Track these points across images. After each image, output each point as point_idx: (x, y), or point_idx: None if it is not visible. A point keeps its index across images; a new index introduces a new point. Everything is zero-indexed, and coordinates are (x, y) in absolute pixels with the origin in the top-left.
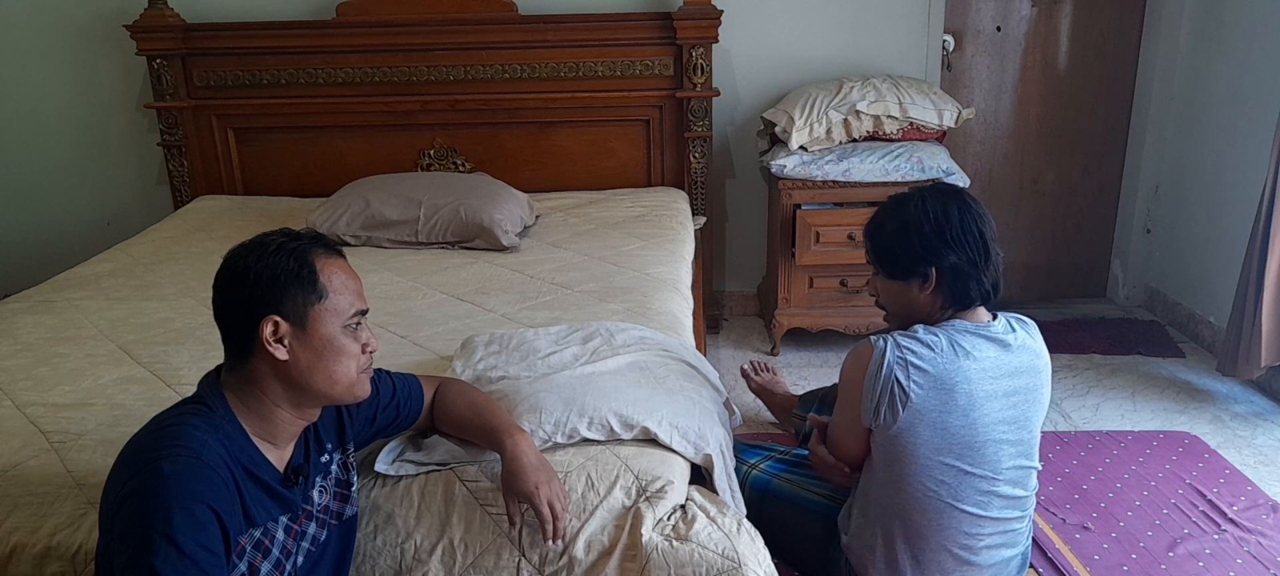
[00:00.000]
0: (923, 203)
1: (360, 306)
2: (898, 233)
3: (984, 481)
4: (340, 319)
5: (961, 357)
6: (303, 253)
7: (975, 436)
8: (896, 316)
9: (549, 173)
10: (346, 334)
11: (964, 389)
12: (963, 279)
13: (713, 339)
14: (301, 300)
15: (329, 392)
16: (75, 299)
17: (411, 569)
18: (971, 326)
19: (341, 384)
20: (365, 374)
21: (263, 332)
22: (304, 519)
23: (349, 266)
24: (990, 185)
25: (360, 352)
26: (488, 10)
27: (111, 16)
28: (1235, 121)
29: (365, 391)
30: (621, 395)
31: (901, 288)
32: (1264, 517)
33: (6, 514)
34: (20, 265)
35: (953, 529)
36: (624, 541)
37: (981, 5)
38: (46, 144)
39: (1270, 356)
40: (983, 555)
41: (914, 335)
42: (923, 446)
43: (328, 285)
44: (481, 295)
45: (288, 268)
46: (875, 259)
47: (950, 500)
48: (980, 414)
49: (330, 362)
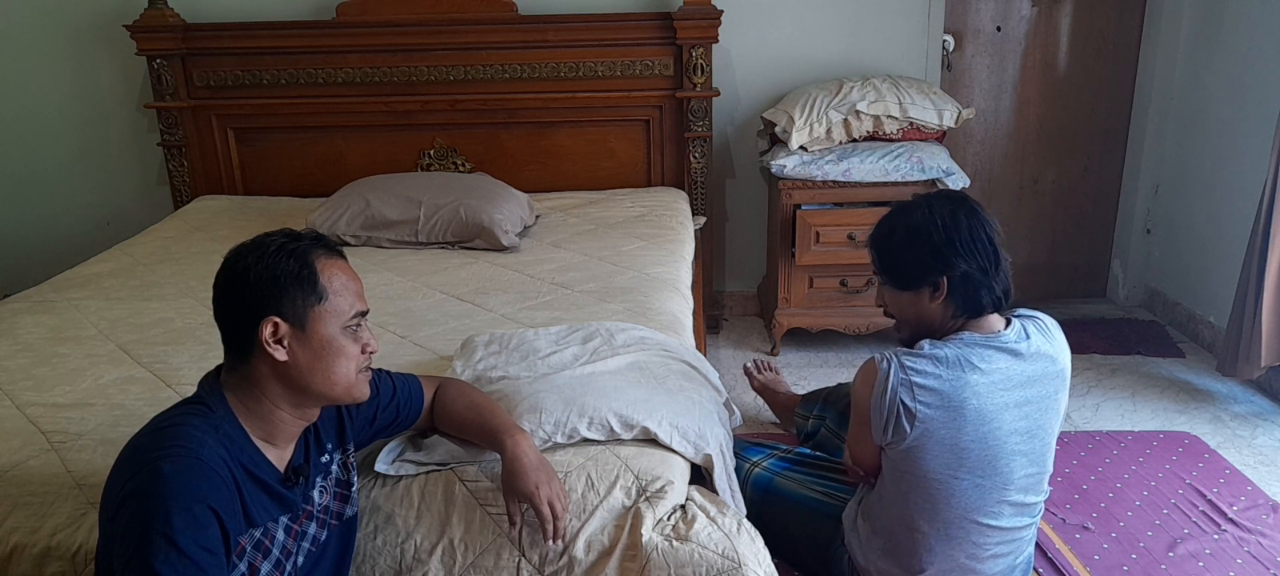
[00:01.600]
0: (930, 210)
1: (360, 308)
2: (907, 242)
3: (995, 492)
4: (340, 320)
5: (970, 372)
6: (303, 253)
7: (988, 450)
8: (907, 326)
9: (549, 173)
10: (346, 335)
11: (974, 405)
12: (974, 287)
13: (713, 339)
14: (301, 301)
15: (328, 393)
16: (75, 299)
17: (411, 569)
18: (982, 338)
19: (341, 385)
20: (364, 375)
21: (262, 333)
22: (304, 519)
23: (349, 267)
24: (990, 185)
25: (360, 354)
26: (488, 10)
27: (111, 16)
28: (1235, 121)
29: (364, 393)
30: (622, 395)
31: (911, 298)
32: (1264, 517)
33: (6, 514)
34: (20, 265)
35: (961, 538)
36: (624, 541)
37: (981, 5)
38: (46, 144)
39: (1270, 356)
40: (987, 564)
41: (920, 353)
42: (933, 461)
43: (328, 286)
44: (481, 295)
45: (288, 268)
46: (883, 269)
47: (961, 511)
48: (992, 427)
49: (330, 363)
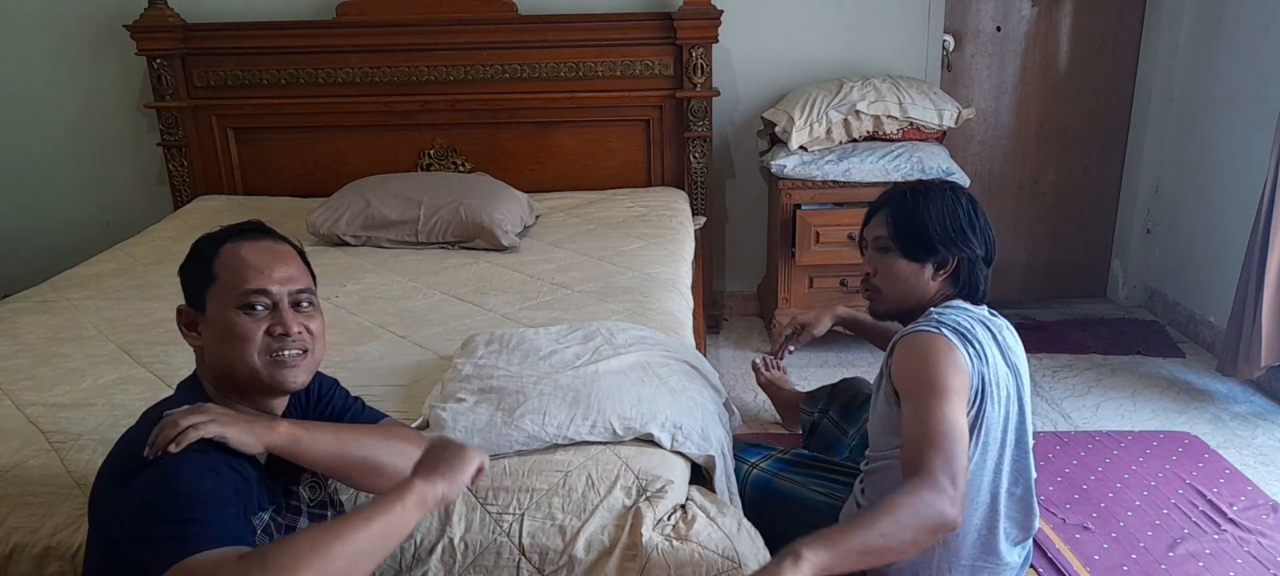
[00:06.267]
0: (954, 191)
1: (255, 285)
2: (933, 212)
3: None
4: (230, 299)
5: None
6: (214, 239)
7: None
8: (891, 301)
9: (549, 173)
10: (242, 315)
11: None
12: (976, 272)
13: (713, 339)
14: (198, 284)
15: (242, 377)
16: (75, 299)
17: (411, 569)
18: (985, 315)
19: (242, 368)
20: (278, 360)
21: (178, 321)
22: (289, 514)
23: (269, 249)
24: (990, 185)
25: (261, 334)
26: (488, 10)
27: (111, 16)
28: (1235, 121)
29: (288, 377)
30: (624, 395)
31: (914, 270)
32: (1264, 517)
33: (6, 514)
34: (20, 265)
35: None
36: (624, 541)
37: (981, 5)
38: (46, 144)
39: (1270, 356)
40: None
41: (940, 316)
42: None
43: (220, 269)
44: (481, 295)
45: (194, 253)
46: (897, 235)
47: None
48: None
49: (230, 346)
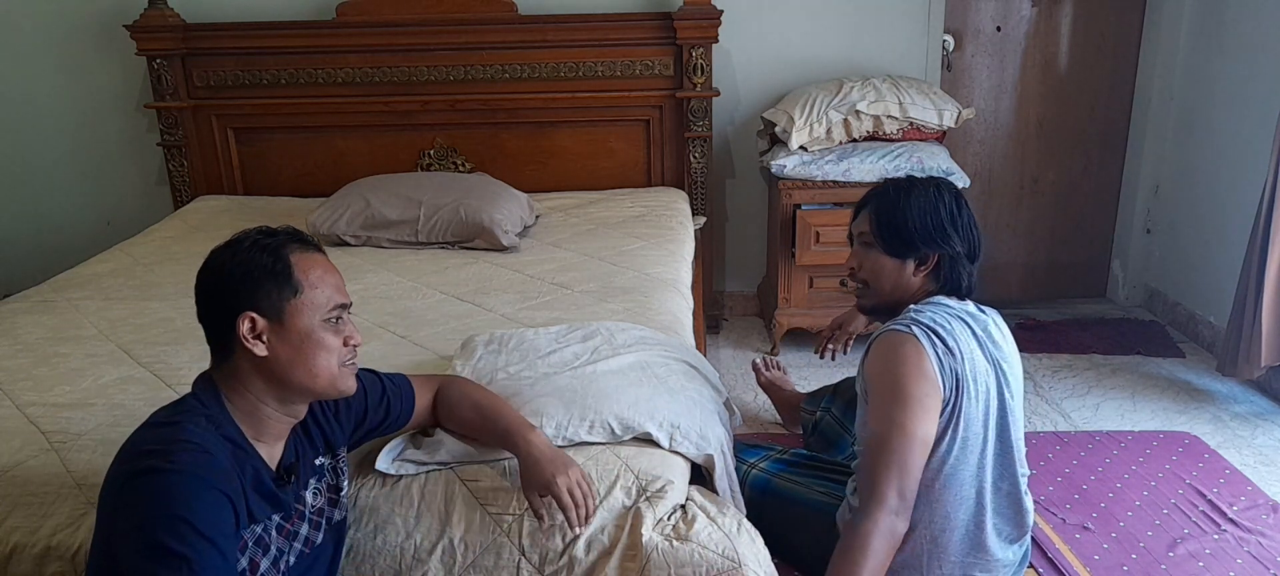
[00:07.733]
0: (938, 189)
1: (340, 300)
2: (914, 209)
3: (1009, 469)
4: (319, 313)
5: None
6: (277, 248)
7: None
8: (877, 295)
9: (549, 173)
10: (326, 328)
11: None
12: (960, 269)
13: (713, 339)
14: (277, 295)
15: (311, 387)
16: (75, 299)
17: (411, 569)
18: (969, 311)
19: (323, 378)
20: (348, 368)
21: (240, 329)
22: (296, 519)
23: (327, 261)
24: (990, 185)
25: (341, 347)
26: (488, 10)
27: (111, 16)
28: (1235, 121)
29: (350, 386)
30: (623, 395)
31: (897, 266)
32: (1264, 517)
33: (6, 514)
34: (20, 265)
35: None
36: (624, 541)
37: (981, 5)
38: (46, 144)
39: (1270, 356)
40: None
41: (919, 312)
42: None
43: (304, 279)
44: (481, 295)
45: (262, 263)
46: (880, 231)
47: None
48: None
49: (310, 357)
